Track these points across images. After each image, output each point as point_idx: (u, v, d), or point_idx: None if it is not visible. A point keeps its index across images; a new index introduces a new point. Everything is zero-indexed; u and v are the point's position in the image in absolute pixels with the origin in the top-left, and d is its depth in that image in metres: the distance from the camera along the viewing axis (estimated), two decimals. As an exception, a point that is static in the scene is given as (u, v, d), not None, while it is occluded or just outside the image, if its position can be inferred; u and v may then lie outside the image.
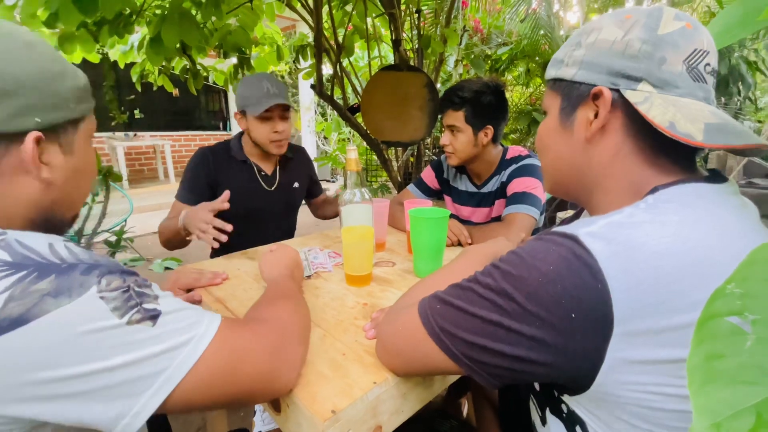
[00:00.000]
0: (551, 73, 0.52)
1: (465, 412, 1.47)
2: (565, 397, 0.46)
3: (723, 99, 2.10)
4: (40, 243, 0.37)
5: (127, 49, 2.19)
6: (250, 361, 0.44)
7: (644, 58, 0.43)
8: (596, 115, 0.46)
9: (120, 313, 0.36)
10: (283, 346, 0.48)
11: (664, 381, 0.37)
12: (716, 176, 0.45)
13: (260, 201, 1.35)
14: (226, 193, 0.99)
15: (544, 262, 0.39)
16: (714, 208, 0.40)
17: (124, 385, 0.36)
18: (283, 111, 1.24)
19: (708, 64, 0.43)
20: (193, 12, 1.59)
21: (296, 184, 1.45)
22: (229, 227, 0.96)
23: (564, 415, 0.48)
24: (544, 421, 0.53)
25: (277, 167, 1.40)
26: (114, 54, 2.24)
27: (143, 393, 0.36)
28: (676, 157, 0.45)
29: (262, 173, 1.36)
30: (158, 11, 1.74)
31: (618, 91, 0.44)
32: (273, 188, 1.37)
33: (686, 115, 0.41)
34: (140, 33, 2.02)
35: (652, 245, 0.36)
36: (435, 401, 1.54)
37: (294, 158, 1.45)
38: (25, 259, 0.35)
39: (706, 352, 0.24)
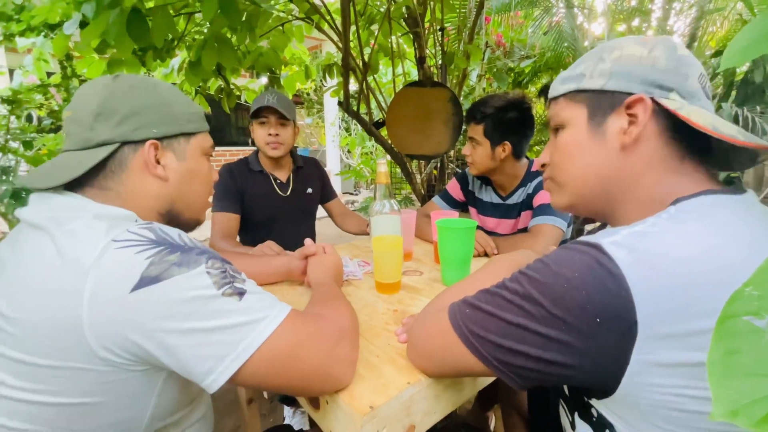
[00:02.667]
0: (568, 86, 0.53)
1: (492, 426, 1.46)
2: (594, 401, 0.48)
3: (759, 108, 2.04)
4: (173, 231, 0.50)
5: (168, 72, 2.34)
6: (312, 346, 0.49)
7: (672, 72, 0.47)
8: (630, 123, 0.48)
9: (218, 286, 0.46)
10: (341, 342, 0.53)
11: (689, 383, 0.38)
12: (736, 188, 0.47)
13: (277, 206, 1.47)
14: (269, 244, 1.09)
15: (569, 269, 0.41)
16: (734, 218, 0.41)
17: (214, 346, 0.44)
18: (280, 118, 1.37)
19: (710, 86, 0.48)
20: (229, 36, 1.70)
21: (310, 190, 1.56)
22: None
23: (593, 419, 0.49)
24: (573, 426, 0.54)
25: (291, 175, 1.52)
26: (157, 77, 2.40)
27: (227, 356, 0.45)
28: (699, 168, 0.48)
29: (278, 181, 1.48)
30: (197, 37, 1.87)
31: (653, 99, 0.47)
32: (288, 193, 1.49)
33: (720, 121, 0.44)
34: (180, 57, 2.16)
35: (674, 253, 0.38)
36: (460, 414, 1.53)
37: (305, 167, 1.57)
38: (163, 240, 0.47)
39: (725, 348, 0.26)
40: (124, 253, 0.44)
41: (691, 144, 0.48)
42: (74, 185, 0.53)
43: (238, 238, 1.43)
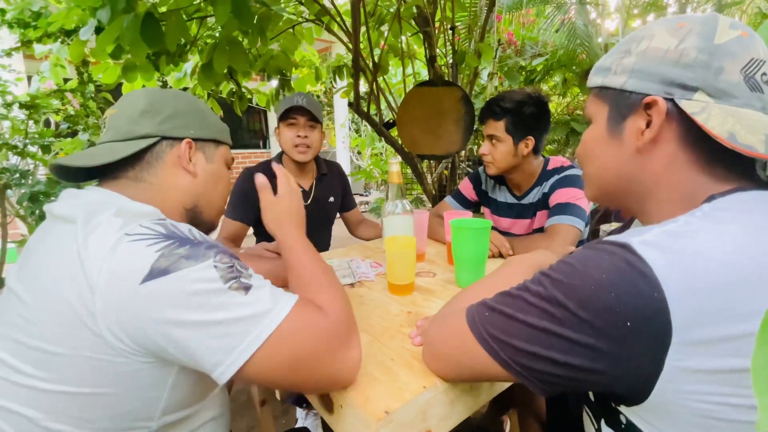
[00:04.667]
0: (596, 80, 0.52)
1: (507, 430, 1.43)
2: (623, 408, 0.45)
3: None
4: (184, 227, 0.51)
5: (181, 76, 2.37)
6: (314, 346, 0.49)
7: (700, 67, 0.42)
8: (648, 125, 0.46)
9: (224, 280, 0.46)
10: (344, 334, 0.52)
11: (728, 391, 0.36)
12: None
13: None
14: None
15: (597, 270, 0.38)
16: None
17: (221, 338, 0.45)
18: (309, 120, 1.32)
19: (765, 74, 0.42)
20: (240, 39, 1.71)
21: (331, 199, 1.52)
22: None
23: (622, 426, 0.47)
24: None
25: (314, 183, 1.47)
26: (170, 81, 2.44)
27: (234, 349, 0.45)
28: (733, 166, 0.44)
29: (300, 189, 1.42)
30: (209, 40, 1.89)
31: (672, 100, 0.44)
32: (308, 202, 1.44)
33: (746, 125, 0.40)
34: (192, 61, 2.19)
35: (710, 253, 0.36)
36: (475, 418, 1.50)
37: (329, 174, 1.52)
38: (173, 234, 0.48)
39: (771, 353, 0.24)
40: (136, 245, 0.45)
41: (721, 145, 0.43)
42: (108, 175, 0.59)
43: (254, 243, 1.42)
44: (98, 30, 1.32)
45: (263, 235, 1.47)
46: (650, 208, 0.49)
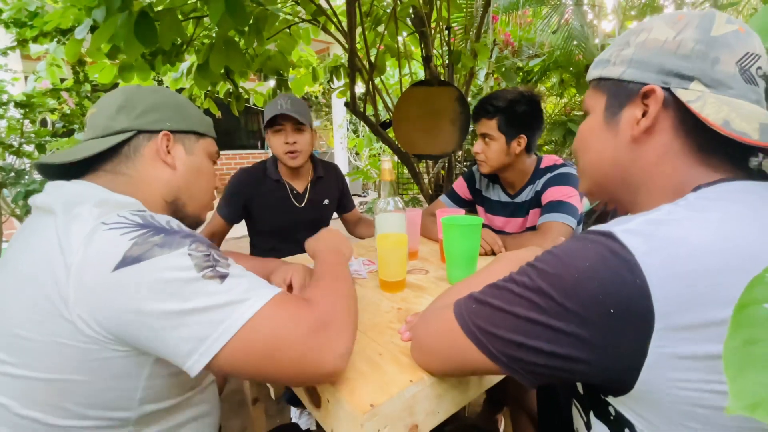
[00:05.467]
0: (594, 73, 0.53)
1: (502, 429, 1.43)
2: (611, 399, 0.45)
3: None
4: (162, 218, 0.51)
5: (178, 76, 2.37)
6: (295, 333, 0.47)
7: (697, 57, 0.43)
8: (644, 114, 0.46)
9: (199, 268, 0.46)
10: (327, 329, 0.49)
11: (713, 378, 0.36)
12: (764, 174, 0.44)
13: (290, 217, 1.43)
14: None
15: (580, 259, 0.39)
16: (760, 204, 0.39)
17: (193, 326, 0.44)
18: (296, 124, 1.30)
19: (760, 68, 0.43)
20: (237, 39, 1.72)
21: (326, 201, 1.51)
22: None
23: (611, 418, 0.47)
24: (588, 426, 0.52)
25: (309, 185, 1.46)
26: (167, 81, 2.44)
27: (207, 338, 0.44)
28: (726, 157, 0.45)
29: (294, 191, 1.43)
30: (206, 41, 1.89)
31: (669, 89, 0.44)
32: (302, 204, 1.44)
33: (741, 114, 0.40)
34: (189, 61, 2.19)
35: (692, 240, 0.36)
36: (469, 417, 1.50)
37: (325, 176, 1.51)
38: (149, 224, 0.48)
39: (743, 337, 0.24)
40: (111, 234, 0.46)
41: (715, 134, 0.44)
42: (90, 170, 0.59)
43: (248, 242, 1.43)
44: (94, 29, 1.32)
45: (257, 236, 1.47)
46: (642, 199, 0.50)
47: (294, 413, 1.53)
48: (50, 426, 0.47)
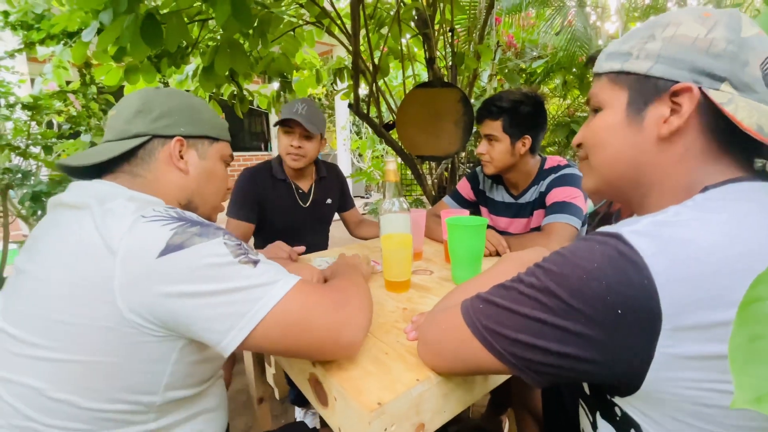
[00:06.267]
0: (612, 65, 0.49)
1: (506, 430, 1.43)
2: (617, 399, 0.46)
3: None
4: (191, 214, 0.55)
5: (183, 78, 2.39)
6: (321, 309, 0.53)
7: (729, 58, 0.42)
8: (672, 112, 0.45)
9: (234, 254, 0.50)
10: (347, 306, 0.56)
11: (719, 377, 0.36)
12: None
13: (297, 216, 1.45)
14: (301, 248, 1.09)
15: (588, 260, 0.39)
16: (766, 204, 0.39)
17: (232, 305, 0.48)
18: (305, 131, 1.32)
19: None
20: (241, 41, 1.73)
21: (329, 200, 1.54)
22: (301, 249, 1.08)
23: (617, 418, 0.47)
24: (595, 427, 0.52)
25: (313, 185, 1.48)
26: (172, 83, 2.46)
27: (244, 315, 0.49)
28: (735, 158, 0.45)
29: (299, 191, 1.45)
30: (211, 43, 1.91)
31: (700, 89, 0.43)
32: (307, 204, 1.46)
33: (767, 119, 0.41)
34: (194, 63, 2.21)
35: (699, 241, 0.36)
36: (474, 417, 1.50)
37: (328, 176, 1.53)
38: (184, 217, 0.52)
39: (748, 333, 0.24)
40: (152, 225, 0.49)
41: (736, 136, 0.43)
42: (107, 171, 0.62)
43: (252, 242, 1.43)
44: (100, 32, 1.33)
45: (262, 236, 1.48)
46: (651, 200, 0.49)
47: (299, 413, 1.54)
48: (81, 409, 0.49)
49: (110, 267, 0.47)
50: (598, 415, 0.51)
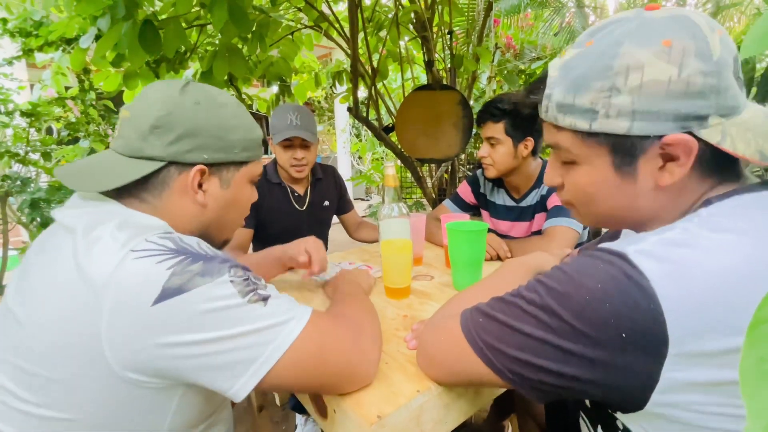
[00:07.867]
0: (576, 123, 0.44)
1: (509, 434, 1.42)
2: (619, 415, 0.45)
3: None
4: (192, 240, 0.48)
5: (181, 83, 2.39)
6: (337, 344, 0.50)
7: (711, 92, 0.39)
8: (667, 158, 0.42)
9: (242, 294, 0.45)
10: (361, 338, 0.54)
11: (728, 401, 0.35)
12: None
13: (293, 220, 1.43)
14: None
15: (592, 279, 0.38)
16: None
17: (242, 351, 0.44)
18: (304, 140, 1.31)
19: (740, 68, 0.41)
20: (240, 46, 1.73)
21: (326, 203, 1.52)
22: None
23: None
24: None
25: (309, 188, 1.48)
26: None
27: (256, 360, 0.44)
28: (726, 170, 0.44)
29: (295, 194, 1.44)
30: (209, 48, 1.91)
31: (692, 134, 0.40)
32: (304, 207, 1.45)
33: (761, 133, 0.39)
34: (193, 68, 2.21)
35: (708, 265, 0.35)
36: (476, 423, 1.49)
37: (324, 178, 1.52)
38: (183, 249, 0.45)
39: (758, 355, 0.23)
40: (144, 263, 0.42)
41: (731, 157, 0.41)
42: (113, 191, 0.52)
43: (251, 249, 1.42)
44: (98, 38, 1.33)
45: (259, 241, 1.47)
46: (654, 225, 0.47)
47: (299, 420, 1.53)
48: None
49: (96, 318, 0.40)
50: (599, 428, 0.50)
